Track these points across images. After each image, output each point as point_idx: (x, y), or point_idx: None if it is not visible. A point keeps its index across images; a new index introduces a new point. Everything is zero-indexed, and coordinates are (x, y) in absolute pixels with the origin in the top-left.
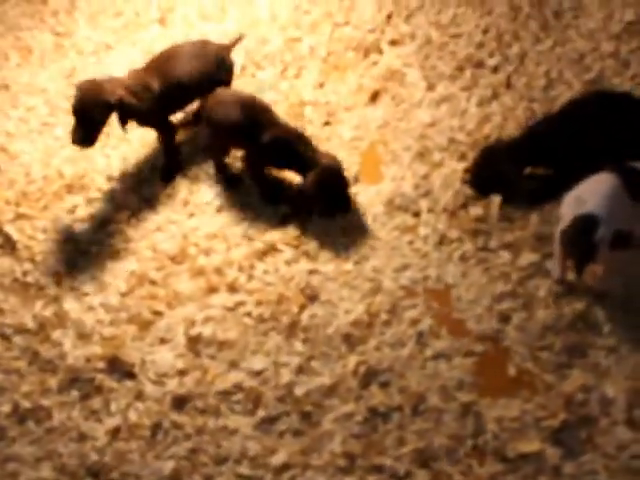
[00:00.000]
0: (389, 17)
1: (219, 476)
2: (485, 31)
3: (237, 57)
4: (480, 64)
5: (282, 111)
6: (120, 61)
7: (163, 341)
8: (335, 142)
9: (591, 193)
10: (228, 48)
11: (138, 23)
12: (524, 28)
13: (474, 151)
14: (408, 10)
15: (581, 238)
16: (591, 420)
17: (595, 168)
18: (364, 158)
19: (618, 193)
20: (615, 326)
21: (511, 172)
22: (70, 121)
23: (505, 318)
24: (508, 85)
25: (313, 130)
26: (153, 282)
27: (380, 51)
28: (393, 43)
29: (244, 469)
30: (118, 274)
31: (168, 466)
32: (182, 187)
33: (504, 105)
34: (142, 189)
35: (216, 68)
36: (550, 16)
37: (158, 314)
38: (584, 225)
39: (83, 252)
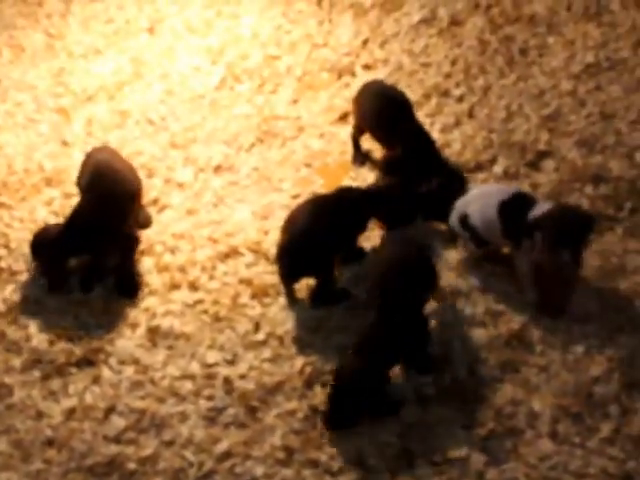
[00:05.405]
0: (365, 42)
1: (162, 459)
2: (454, 62)
3: (218, 69)
4: (446, 93)
5: (255, 123)
6: (108, 66)
7: (124, 330)
8: (302, 153)
9: (487, 194)
10: None
11: (128, 31)
12: (491, 62)
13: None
14: (384, 37)
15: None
16: (517, 431)
17: None
18: (327, 173)
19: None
20: (547, 347)
21: None
22: (54, 119)
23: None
24: (470, 115)
25: (282, 143)
26: None
27: (353, 74)
28: (366, 67)
29: (188, 454)
30: None
31: (112, 449)
32: (154, 188)
33: (464, 133)
34: None
35: None
36: (516, 52)
37: (124, 304)
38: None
39: None
